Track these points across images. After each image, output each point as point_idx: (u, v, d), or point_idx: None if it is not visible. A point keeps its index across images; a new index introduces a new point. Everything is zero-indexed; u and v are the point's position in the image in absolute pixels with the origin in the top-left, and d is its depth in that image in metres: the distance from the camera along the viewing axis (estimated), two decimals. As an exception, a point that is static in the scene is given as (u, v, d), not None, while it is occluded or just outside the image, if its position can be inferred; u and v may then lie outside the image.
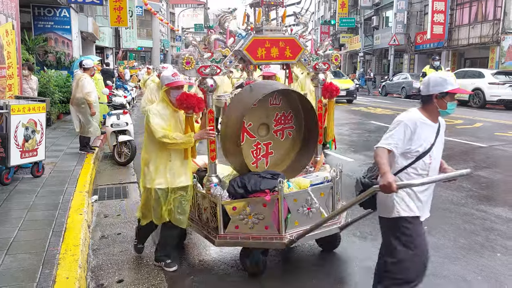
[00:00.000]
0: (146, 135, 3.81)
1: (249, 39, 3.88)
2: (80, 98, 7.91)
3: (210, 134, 3.78)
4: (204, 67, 3.71)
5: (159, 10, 51.73)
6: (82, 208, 5.02)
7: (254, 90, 3.94)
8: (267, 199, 3.65)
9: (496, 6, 22.33)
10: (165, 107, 3.78)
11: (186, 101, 3.62)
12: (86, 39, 21.40)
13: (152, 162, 3.80)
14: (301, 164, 4.35)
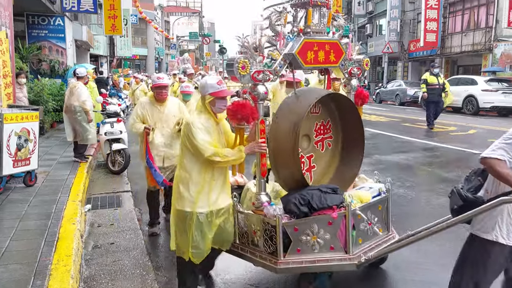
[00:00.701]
0: (185, 151, 3.33)
1: (300, 41, 3.54)
2: (76, 106, 7.88)
3: (261, 147, 3.39)
4: (258, 73, 3.37)
5: (154, 18, 51.86)
6: (75, 218, 4.96)
7: (301, 97, 3.63)
8: (334, 217, 3.29)
9: (488, 14, 22.58)
10: (207, 119, 3.32)
11: (241, 112, 3.26)
12: (80, 47, 21.38)
13: (193, 182, 3.30)
14: (346, 177, 4.01)
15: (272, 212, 3.32)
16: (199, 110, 3.38)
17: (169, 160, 4.98)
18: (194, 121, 3.26)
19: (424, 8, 25.33)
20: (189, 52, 60.48)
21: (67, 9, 15.55)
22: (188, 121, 3.32)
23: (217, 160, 3.19)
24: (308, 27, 3.66)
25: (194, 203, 3.29)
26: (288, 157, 3.47)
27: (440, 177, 7.41)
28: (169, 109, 5.02)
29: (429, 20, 25.41)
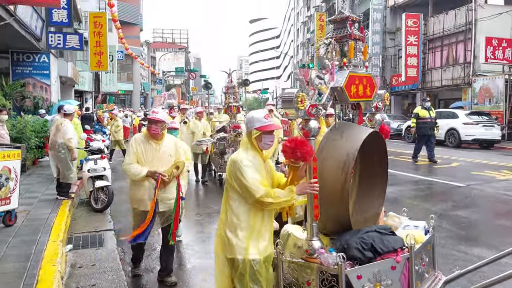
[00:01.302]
0: (232, 193, 3.05)
1: (346, 75, 3.39)
2: (61, 143, 7.81)
3: (314, 187, 3.05)
4: (312, 107, 3.13)
5: (140, 54, 52.46)
6: (56, 259, 4.82)
7: (345, 132, 3.44)
8: (398, 260, 3.04)
9: (466, 50, 23.36)
10: (255, 155, 3.07)
11: (301, 148, 2.94)
12: (65, 84, 21.41)
13: (242, 227, 3.02)
14: (368, 215, 3.75)
15: (330, 260, 2.98)
16: (245, 146, 3.13)
17: (164, 204, 4.56)
18: (242, 159, 3.00)
19: (405, 44, 26.14)
20: (175, 87, 60.91)
21: (52, 46, 15.67)
22: (234, 158, 3.03)
23: (269, 201, 2.93)
24: (350, 61, 3.54)
25: (245, 250, 2.99)
26: (335, 198, 3.24)
27: (427, 211, 7.43)
28: (165, 147, 4.58)
29: (410, 56, 26.18)
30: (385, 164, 3.82)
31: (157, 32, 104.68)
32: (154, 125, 4.49)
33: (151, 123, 4.51)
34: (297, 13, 64.38)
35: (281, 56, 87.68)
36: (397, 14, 29.69)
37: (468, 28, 23.00)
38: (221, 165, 10.05)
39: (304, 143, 2.97)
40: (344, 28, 3.59)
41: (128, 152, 4.52)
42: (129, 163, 4.43)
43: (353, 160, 3.20)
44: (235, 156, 3.07)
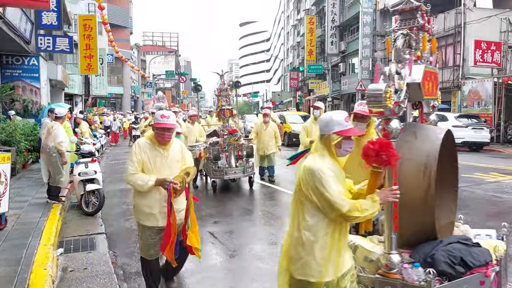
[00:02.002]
0: (308, 206, 2.65)
1: (422, 70, 3.08)
2: (51, 147, 7.75)
3: (396, 195, 2.73)
4: (396, 104, 2.83)
5: (130, 57, 52.28)
6: (47, 263, 4.77)
7: (418, 132, 3.14)
8: (488, 275, 2.79)
9: (455, 53, 23.60)
10: (333, 164, 2.68)
11: (386, 151, 2.64)
12: (55, 87, 21.24)
13: (320, 245, 2.63)
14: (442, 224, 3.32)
15: (415, 276, 2.71)
16: (320, 152, 2.70)
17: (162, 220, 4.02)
18: (323, 168, 2.60)
19: (394, 47, 26.32)
20: (165, 90, 60.80)
21: (42, 49, 15.55)
22: (312, 167, 2.61)
23: (355, 215, 2.56)
24: (423, 54, 3.25)
25: (321, 272, 2.63)
26: (417, 205, 2.92)
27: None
28: (173, 152, 4.04)
29: (399, 59, 26.37)
30: (456, 166, 3.52)
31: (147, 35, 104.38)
32: (168, 132, 3.91)
33: (164, 130, 3.88)
34: (287, 16, 64.62)
35: (271, 59, 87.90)
36: (387, 17, 29.93)
37: (457, 31, 23.26)
38: (214, 171, 9.52)
39: (389, 144, 2.68)
40: (413, 19, 3.23)
41: (131, 161, 3.87)
42: (133, 172, 3.83)
43: (434, 162, 2.91)
44: (312, 164, 2.63)
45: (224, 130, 9.83)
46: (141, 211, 3.99)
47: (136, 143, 4.00)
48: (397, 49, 3.10)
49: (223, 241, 6.15)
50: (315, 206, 2.62)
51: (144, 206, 3.95)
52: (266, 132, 10.74)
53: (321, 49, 41.71)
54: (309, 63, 41.23)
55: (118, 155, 18.77)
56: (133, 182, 3.84)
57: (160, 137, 3.91)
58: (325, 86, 39.83)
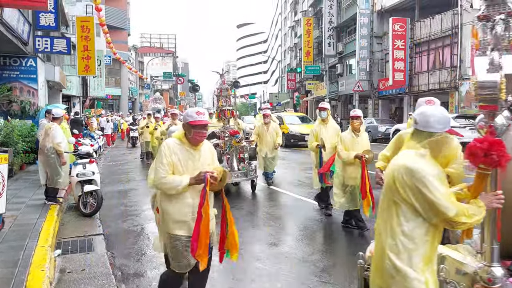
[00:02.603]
0: (405, 210, 2.40)
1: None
2: (50, 148, 7.73)
3: (500, 200, 2.48)
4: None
5: (128, 59, 52.22)
6: (44, 264, 4.75)
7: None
8: None
9: (452, 54, 23.65)
10: (435, 164, 2.45)
11: (497, 150, 2.37)
12: (53, 88, 21.21)
13: (421, 254, 2.38)
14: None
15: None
16: (418, 151, 2.45)
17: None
18: (425, 168, 2.36)
19: (392, 48, 26.39)
20: (162, 92, 60.72)
21: (39, 50, 15.51)
22: (413, 167, 2.37)
23: (462, 221, 2.32)
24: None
25: (425, 284, 2.37)
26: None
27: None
28: (204, 153, 3.64)
29: (397, 60, 26.45)
30: None
31: (145, 37, 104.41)
32: (205, 129, 3.55)
33: (201, 128, 3.50)
34: (285, 18, 64.69)
35: (269, 61, 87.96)
36: (384, 19, 30.00)
37: (454, 32, 23.31)
38: None
39: (500, 143, 2.40)
40: (502, 5, 2.84)
41: (161, 163, 3.45)
42: (164, 176, 3.41)
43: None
44: (412, 163, 2.38)
45: (225, 132, 9.40)
46: (171, 219, 3.52)
47: (165, 144, 3.56)
48: (497, 36, 2.72)
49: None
50: (414, 210, 2.37)
51: (175, 213, 3.51)
52: (267, 133, 10.30)
53: (318, 50, 41.75)
54: (306, 64, 41.31)
55: (116, 156, 18.73)
56: (165, 185, 3.41)
57: (198, 135, 3.50)
58: (323, 87, 39.86)
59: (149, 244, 6.11)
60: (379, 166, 4.40)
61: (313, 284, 4.60)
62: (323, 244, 6.18)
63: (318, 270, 4.99)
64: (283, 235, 6.51)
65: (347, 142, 6.43)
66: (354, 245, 5.98)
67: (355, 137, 6.44)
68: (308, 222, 7.19)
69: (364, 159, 6.06)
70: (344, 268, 5.07)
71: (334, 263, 5.23)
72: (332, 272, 4.91)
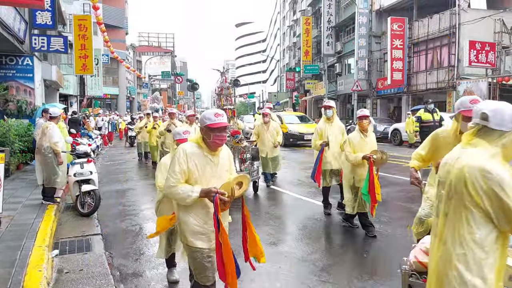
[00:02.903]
0: (477, 216, 2.16)
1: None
2: (47, 147, 7.68)
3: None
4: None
5: (126, 58, 52.11)
6: (42, 264, 4.71)
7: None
8: None
9: (450, 54, 23.67)
10: (506, 165, 2.23)
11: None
12: (50, 87, 21.12)
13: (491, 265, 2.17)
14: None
15: None
16: (488, 151, 2.22)
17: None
18: (501, 170, 2.12)
19: (390, 48, 26.40)
20: (161, 91, 60.67)
21: (36, 49, 15.42)
22: (486, 167, 2.13)
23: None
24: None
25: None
26: None
27: (412, 213, 7.46)
28: (222, 160, 3.40)
29: (395, 60, 26.46)
30: None
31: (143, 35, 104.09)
32: (223, 132, 3.27)
33: (221, 131, 3.24)
34: (283, 17, 64.64)
35: (268, 60, 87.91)
36: (382, 18, 29.98)
37: (452, 32, 23.31)
38: None
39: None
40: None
41: (172, 171, 3.20)
42: (173, 185, 3.17)
43: None
44: (488, 165, 2.14)
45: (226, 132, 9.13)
46: (189, 230, 3.28)
47: (181, 149, 3.25)
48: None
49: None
50: (484, 215, 2.15)
51: (192, 224, 3.27)
52: (267, 132, 10.02)
53: (317, 50, 41.72)
54: (305, 64, 41.25)
55: (114, 155, 18.67)
56: (174, 194, 3.20)
57: (218, 139, 3.22)
58: (321, 87, 39.85)
59: (148, 244, 6.07)
60: (414, 166, 4.15)
61: (312, 283, 4.57)
62: (323, 244, 6.15)
63: (318, 270, 4.96)
64: (283, 235, 6.48)
65: (355, 143, 6.19)
66: (353, 244, 5.96)
67: (363, 138, 6.23)
68: (308, 221, 7.16)
69: (372, 160, 5.89)
70: (343, 267, 5.04)
71: (334, 262, 5.20)
72: (332, 271, 4.88)
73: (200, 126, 3.32)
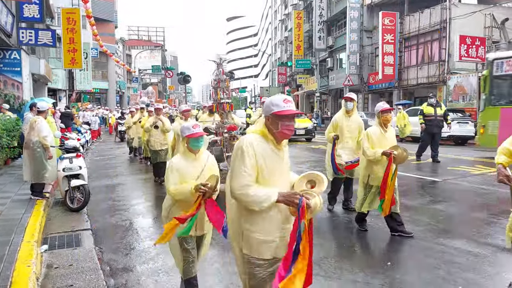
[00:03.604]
0: None
1: None
2: (35, 142, 7.58)
3: None
4: None
5: (115, 52, 51.65)
6: (30, 259, 4.65)
7: None
8: None
9: (441, 49, 23.81)
10: None
11: None
12: (38, 81, 20.88)
13: None
14: None
15: None
16: None
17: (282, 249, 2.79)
18: None
19: (381, 42, 26.47)
20: (151, 85, 60.29)
21: (24, 43, 15.22)
22: None
23: None
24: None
25: None
26: None
27: (405, 206, 7.51)
28: (286, 154, 2.91)
29: (386, 54, 26.54)
30: None
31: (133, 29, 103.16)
32: (292, 121, 2.80)
33: (291, 119, 2.77)
34: (275, 11, 64.49)
35: (259, 54, 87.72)
36: (374, 13, 30.05)
37: (443, 27, 23.45)
38: None
39: None
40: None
41: (243, 165, 2.62)
42: (249, 184, 2.61)
43: None
44: None
45: (223, 128, 8.40)
46: (253, 239, 2.75)
47: (247, 142, 2.68)
48: None
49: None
50: None
51: (257, 231, 2.74)
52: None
53: (309, 44, 41.72)
54: (297, 58, 41.27)
55: (103, 150, 18.54)
56: (248, 198, 2.60)
57: (287, 129, 2.72)
58: (313, 81, 39.89)
59: (138, 238, 6.04)
60: (502, 162, 3.73)
61: (304, 277, 4.56)
62: (313, 237, 6.14)
63: (309, 264, 4.95)
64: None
65: (374, 139, 5.72)
66: (344, 238, 5.98)
67: (383, 133, 5.74)
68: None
69: (393, 156, 5.41)
70: (334, 260, 5.04)
71: (324, 255, 5.20)
72: (322, 264, 4.88)
73: (264, 115, 2.80)
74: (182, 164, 3.72)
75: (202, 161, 3.80)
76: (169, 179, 3.67)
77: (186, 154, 3.77)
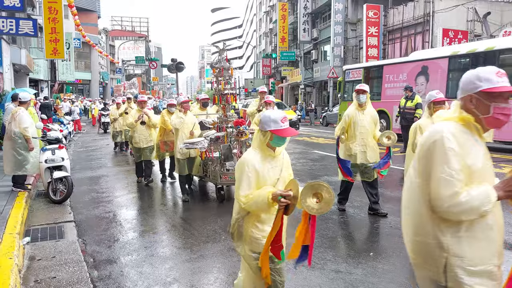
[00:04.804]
0: None
1: None
2: (17, 132, 7.47)
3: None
4: None
5: (98, 42, 50.91)
6: (12, 252, 4.61)
7: None
8: None
9: (424, 42, 24.03)
10: None
11: None
12: (19, 72, 20.52)
13: None
14: None
15: None
16: None
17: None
18: None
19: (365, 35, 26.61)
20: (135, 77, 59.65)
21: (4, 32, 14.91)
22: None
23: None
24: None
25: None
26: None
27: (386, 197, 7.61)
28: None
29: (370, 47, 26.70)
30: None
31: (116, 20, 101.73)
32: (508, 101, 2.14)
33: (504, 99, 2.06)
34: (260, 3, 64.20)
35: (244, 46, 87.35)
36: (358, 5, 30.15)
37: (426, 20, 23.64)
38: (223, 174, 7.34)
39: None
40: None
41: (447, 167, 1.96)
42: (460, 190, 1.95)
43: None
44: None
45: (227, 122, 7.65)
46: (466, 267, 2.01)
47: (448, 133, 2.01)
48: None
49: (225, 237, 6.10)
50: None
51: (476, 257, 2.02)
52: None
53: (293, 36, 41.71)
54: (281, 50, 41.24)
55: (86, 142, 18.34)
56: (464, 206, 1.92)
57: (502, 113, 2.03)
58: (298, 74, 39.95)
59: (122, 230, 6.03)
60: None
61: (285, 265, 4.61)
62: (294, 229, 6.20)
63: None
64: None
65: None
66: (327, 229, 6.04)
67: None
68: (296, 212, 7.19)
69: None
70: (317, 251, 5.10)
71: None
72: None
73: (464, 94, 2.10)
74: (260, 163, 2.87)
75: (280, 158, 3.02)
76: (242, 181, 2.82)
77: (263, 150, 2.91)
